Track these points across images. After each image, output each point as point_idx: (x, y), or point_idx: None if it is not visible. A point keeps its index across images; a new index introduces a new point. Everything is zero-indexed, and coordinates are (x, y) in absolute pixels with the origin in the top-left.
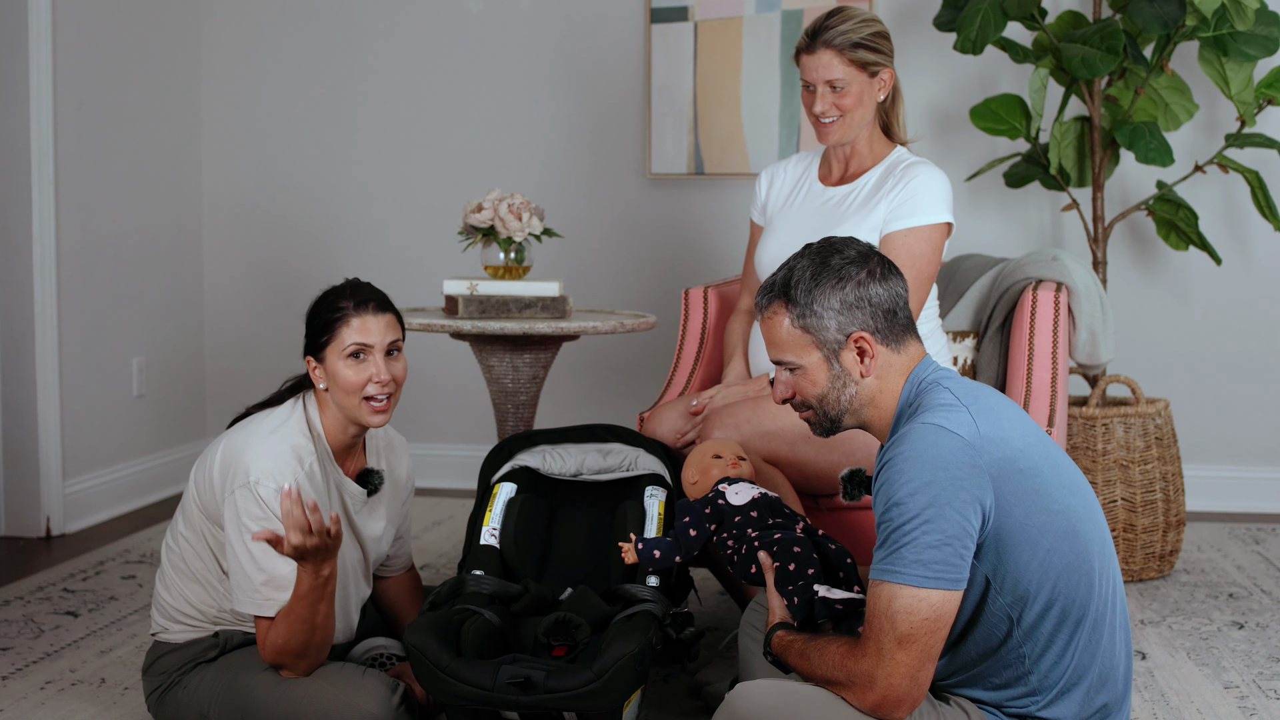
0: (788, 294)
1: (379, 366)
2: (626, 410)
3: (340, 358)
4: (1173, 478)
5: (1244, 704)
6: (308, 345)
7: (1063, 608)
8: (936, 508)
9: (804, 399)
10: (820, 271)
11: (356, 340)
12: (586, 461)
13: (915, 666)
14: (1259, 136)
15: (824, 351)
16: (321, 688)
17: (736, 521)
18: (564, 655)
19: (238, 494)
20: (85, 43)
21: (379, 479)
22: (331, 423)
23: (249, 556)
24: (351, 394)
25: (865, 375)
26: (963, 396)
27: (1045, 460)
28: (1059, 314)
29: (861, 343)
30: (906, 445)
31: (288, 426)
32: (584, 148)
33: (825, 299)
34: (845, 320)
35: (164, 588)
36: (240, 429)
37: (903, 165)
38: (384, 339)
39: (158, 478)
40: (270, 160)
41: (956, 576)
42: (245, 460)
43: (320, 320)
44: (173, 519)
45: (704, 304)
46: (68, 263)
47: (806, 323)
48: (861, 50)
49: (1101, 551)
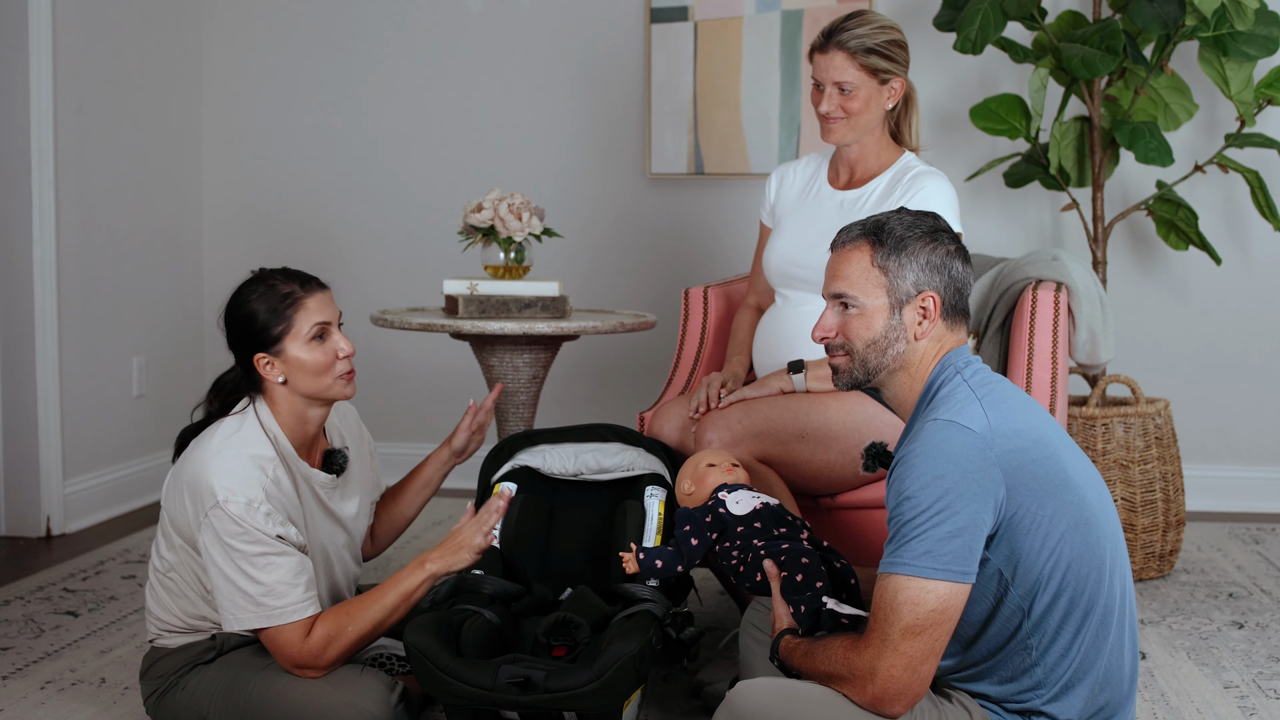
0: (878, 234)
1: (340, 339)
2: (626, 410)
3: (303, 343)
4: (1172, 477)
5: (1244, 704)
6: (253, 343)
7: (1071, 598)
8: (947, 501)
9: (847, 341)
10: (916, 226)
11: (318, 320)
12: (587, 461)
13: (918, 660)
14: (1259, 136)
15: (892, 299)
16: (320, 686)
17: (740, 532)
18: (564, 655)
19: (211, 517)
20: (85, 43)
21: (342, 458)
22: (288, 419)
23: (240, 573)
24: (322, 374)
25: (919, 338)
26: (977, 389)
27: (1062, 452)
28: (1059, 314)
29: (929, 301)
30: (919, 442)
31: (240, 436)
32: (584, 148)
33: (915, 250)
34: (924, 278)
35: (154, 602)
36: (193, 452)
37: (911, 174)
38: (334, 312)
39: (158, 478)
40: (270, 160)
41: (965, 570)
42: (208, 481)
43: (267, 313)
44: (154, 539)
45: (704, 304)
46: (68, 263)
47: (888, 264)
48: (874, 56)
49: (1114, 548)
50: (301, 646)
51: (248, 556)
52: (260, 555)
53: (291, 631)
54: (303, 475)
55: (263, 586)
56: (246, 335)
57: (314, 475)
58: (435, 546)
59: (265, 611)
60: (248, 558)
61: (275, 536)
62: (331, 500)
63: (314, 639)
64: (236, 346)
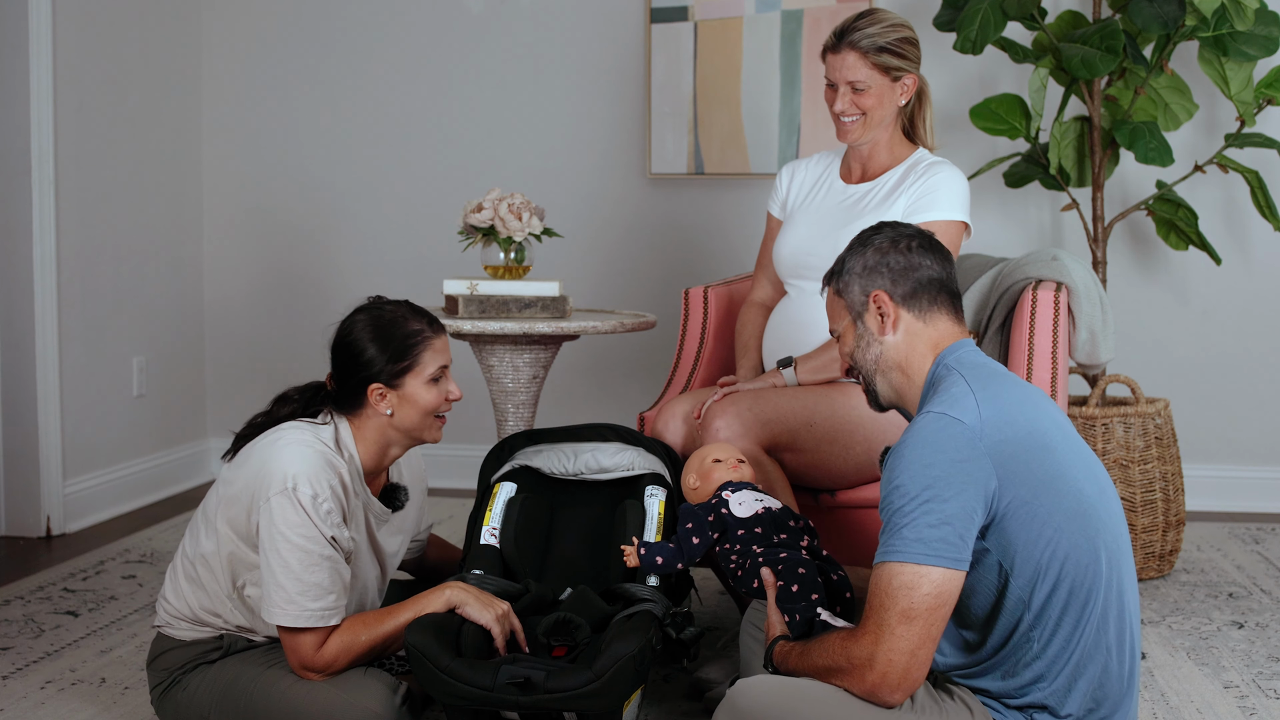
0: (833, 274)
1: (452, 385)
2: (626, 410)
3: (423, 382)
4: (1172, 477)
5: (1244, 704)
6: (372, 374)
7: (1070, 588)
8: (935, 489)
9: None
10: (855, 244)
11: (441, 363)
12: (587, 461)
13: (915, 645)
14: (1259, 136)
15: (851, 314)
16: (324, 687)
17: (740, 535)
18: (564, 655)
19: (274, 501)
20: (85, 43)
21: (404, 495)
22: (371, 446)
23: (283, 565)
24: (428, 415)
25: (883, 334)
26: (973, 382)
27: (1059, 444)
28: (1059, 314)
29: (878, 300)
30: (910, 435)
31: (318, 439)
32: (584, 148)
33: (853, 265)
34: (865, 282)
35: (172, 589)
36: (266, 442)
37: (924, 164)
38: (450, 357)
39: (158, 478)
40: (270, 160)
41: (958, 556)
42: (279, 466)
43: (397, 347)
44: (191, 525)
45: (704, 304)
46: (68, 263)
47: (839, 287)
48: (886, 54)
49: (1114, 540)
50: (317, 653)
51: (296, 550)
52: (309, 552)
53: (313, 636)
54: (364, 499)
55: (301, 584)
56: (367, 365)
57: (373, 503)
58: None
59: (296, 609)
60: (296, 551)
61: (329, 538)
62: (379, 532)
63: (329, 648)
64: (349, 372)
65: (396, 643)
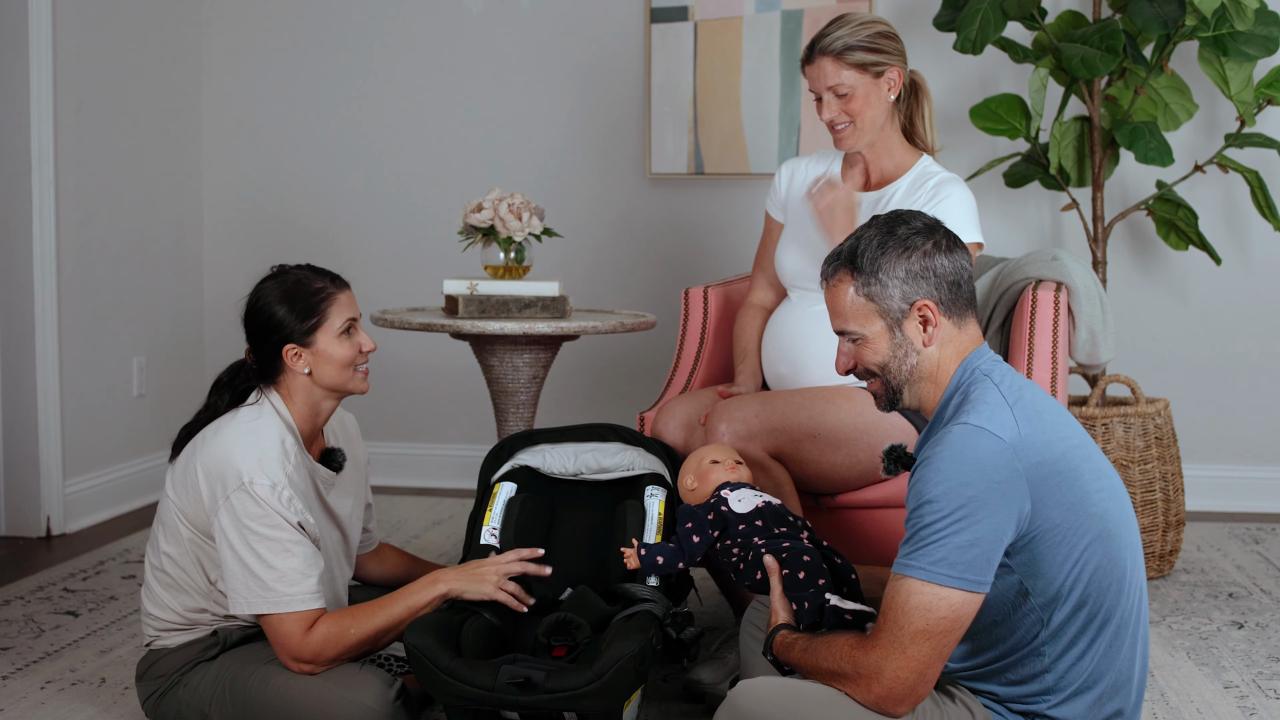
0: (854, 263)
1: (363, 336)
2: (626, 410)
3: (333, 336)
4: (1172, 477)
5: (1244, 704)
6: (284, 335)
7: (1091, 610)
8: (969, 509)
9: (866, 368)
10: (887, 240)
11: (349, 315)
12: (587, 461)
13: (925, 664)
14: (1259, 136)
15: (887, 320)
16: (319, 683)
17: (740, 530)
18: (564, 655)
19: (234, 499)
20: (85, 43)
21: (342, 456)
22: (302, 409)
23: (255, 557)
24: (346, 368)
25: (928, 345)
26: (1009, 395)
27: (1086, 463)
28: (1059, 314)
29: (925, 310)
30: (945, 445)
31: (262, 423)
32: (584, 148)
33: (891, 267)
34: (910, 289)
35: (151, 603)
36: (211, 438)
37: (932, 181)
38: (358, 311)
39: (158, 477)
40: (270, 160)
41: (980, 579)
42: (234, 464)
43: (302, 307)
44: (150, 536)
45: (704, 304)
46: (68, 263)
47: (871, 291)
48: (859, 52)
49: (1134, 559)
50: (302, 640)
51: (265, 540)
52: (277, 540)
53: (295, 622)
54: (309, 468)
55: (276, 572)
56: (277, 327)
57: (317, 469)
58: (454, 567)
59: (274, 597)
60: (264, 541)
61: (296, 524)
62: (329, 497)
63: (315, 635)
64: (262, 338)
65: (388, 636)
